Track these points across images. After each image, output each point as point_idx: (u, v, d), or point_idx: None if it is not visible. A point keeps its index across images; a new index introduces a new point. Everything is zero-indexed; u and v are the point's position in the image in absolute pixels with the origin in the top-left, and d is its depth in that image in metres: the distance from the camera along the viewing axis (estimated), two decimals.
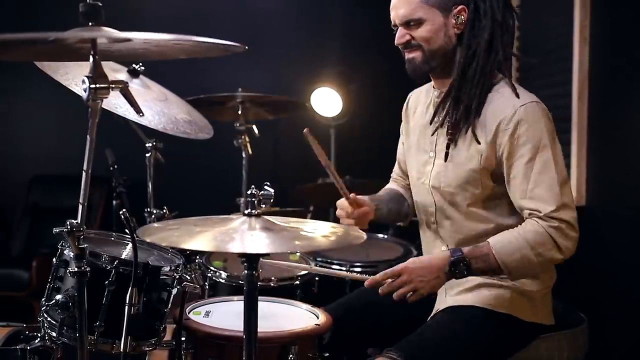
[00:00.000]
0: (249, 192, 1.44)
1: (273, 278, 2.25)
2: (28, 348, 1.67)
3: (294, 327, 1.66)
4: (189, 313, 1.76)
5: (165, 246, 1.84)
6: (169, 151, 2.67)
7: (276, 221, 1.47)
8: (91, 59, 1.37)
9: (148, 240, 1.39)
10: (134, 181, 2.87)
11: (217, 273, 2.32)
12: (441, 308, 1.88)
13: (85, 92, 1.37)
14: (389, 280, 1.72)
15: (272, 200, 1.48)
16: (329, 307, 1.92)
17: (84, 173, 1.40)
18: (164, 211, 2.48)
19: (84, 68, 1.39)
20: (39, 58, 1.72)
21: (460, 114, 1.80)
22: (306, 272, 2.33)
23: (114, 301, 1.62)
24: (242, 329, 1.41)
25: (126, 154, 2.85)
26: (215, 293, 2.32)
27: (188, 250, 2.24)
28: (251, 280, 1.38)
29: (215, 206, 2.27)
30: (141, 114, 1.52)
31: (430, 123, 1.90)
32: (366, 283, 1.75)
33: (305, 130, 1.77)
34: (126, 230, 1.61)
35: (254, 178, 2.16)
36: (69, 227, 1.40)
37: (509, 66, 1.86)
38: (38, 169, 4.65)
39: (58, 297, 1.58)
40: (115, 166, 2.89)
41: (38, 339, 1.69)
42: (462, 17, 1.80)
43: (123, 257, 1.74)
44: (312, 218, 3.53)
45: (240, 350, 1.41)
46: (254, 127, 2.97)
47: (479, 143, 1.78)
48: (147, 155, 2.59)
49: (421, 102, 2.01)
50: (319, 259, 2.65)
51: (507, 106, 1.75)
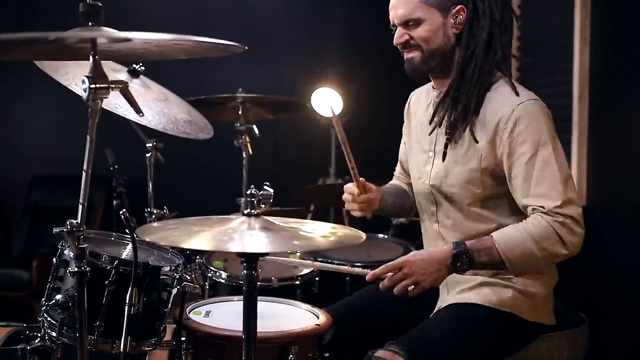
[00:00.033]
0: (249, 192, 1.44)
1: (273, 278, 2.25)
2: (28, 348, 1.67)
3: (294, 327, 1.66)
4: (189, 313, 1.76)
5: (164, 246, 1.84)
6: (169, 151, 2.67)
7: (275, 221, 1.46)
8: (91, 59, 1.37)
9: (147, 239, 1.39)
10: (134, 181, 2.88)
11: (217, 273, 2.31)
12: (443, 306, 1.87)
13: (85, 92, 1.37)
14: (390, 274, 1.72)
15: (272, 200, 1.48)
16: (330, 308, 1.91)
17: (84, 173, 1.41)
18: (164, 211, 2.48)
19: (84, 68, 1.39)
20: (39, 58, 1.72)
21: (458, 114, 1.80)
22: (307, 272, 2.33)
23: (114, 301, 1.62)
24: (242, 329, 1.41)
25: (126, 154, 2.85)
26: (215, 293, 2.31)
27: (188, 250, 2.24)
28: (250, 280, 1.38)
29: (215, 206, 2.27)
30: (141, 114, 1.52)
31: (429, 123, 1.90)
32: (367, 277, 1.74)
33: (332, 114, 1.75)
34: (126, 230, 1.61)
35: (255, 178, 2.16)
36: (69, 227, 1.40)
37: (508, 66, 1.86)
38: (38, 169, 4.65)
39: (58, 297, 1.58)
40: (115, 166, 2.89)
41: (38, 339, 1.69)
42: (461, 17, 1.80)
43: (123, 257, 1.73)
44: (313, 218, 3.53)
45: (240, 350, 1.41)
46: (254, 127, 2.97)
47: (477, 142, 1.77)
48: (148, 155, 2.59)
49: (422, 102, 2.01)
50: (320, 259, 2.65)
51: (506, 105, 1.75)
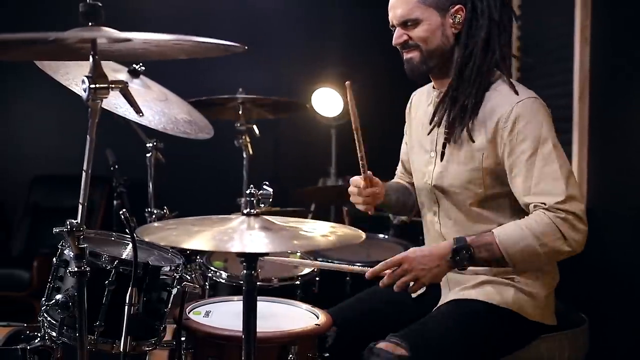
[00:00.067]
0: (248, 192, 1.44)
1: (274, 278, 2.25)
2: (28, 348, 1.67)
3: (294, 327, 1.66)
4: (189, 313, 1.76)
5: (164, 246, 1.84)
6: (170, 151, 2.67)
7: (275, 221, 1.46)
8: (91, 59, 1.37)
9: (147, 239, 1.39)
10: (135, 181, 2.88)
11: (218, 273, 2.31)
12: (444, 302, 1.87)
13: (85, 92, 1.37)
14: (389, 270, 1.72)
15: (271, 199, 1.48)
16: (331, 310, 1.90)
17: (84, 173, 1.41)
18: (165, 211, 2.48)
19: (85, 68, 1.39)
20: (39, 58, 1.72)
21: (456, 113, 1.80)
22: (307, 272, 2.33)
23: (114, 301, 1.62)
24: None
25: (127, 154, 2.85)
26: (215, 293, 2.31)
27: (188, 250, 2.24)
28: (250, 280, 1.38)
29: (215, 206, 2.26)
30: (141, 114, 1.52)
31: (430, 123, 1.90)
32: (367, 274, 1.74)
33: (347, 83, 1.73)
34: (126, 230, 1.61)
35: (255, 178, 2.16)
36: (69, 227, 1.40)
37: (508, 65, 1.85)
38: (39, 169, 4.65)
39: (58, 297, 1.58)
40: (115, 166, 2.89)
41: (38, 339, 1.69)
42: (460, 17, 1.80)
43: (123, 257, 1.73)
44: (313, 218, 3.52)
45: (240, 350, 1.41)
46: (255, 127, 2.97)
47: (473, 141, 1.77)
48: (148, 155, 2.59)
49: (423, 102, 2.01)
50: (320, 259, 2.64)
51: (505, 104, 1.75)
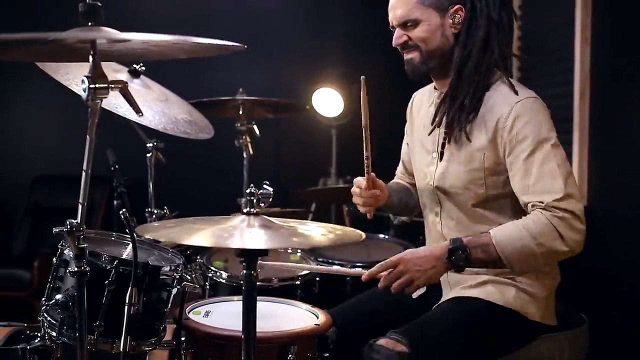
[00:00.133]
0: (248, 191, 1.44)
1: (274, 278, 2.25)
2: (28, 347, 1.67)
3: (294, 327, 1.65)
4: (189, 313, 1.76)
5: (164, 243, 1.84)
6: (170, 151, 2.67)
7: (275, 220, 1.46)
8: (90, 59, 1.37)
9: (147, 236, 1.39)
10: (135, 181, 2.87)
11: (218, 273, 2.32)
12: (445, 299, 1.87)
13: (84, 92, 1.37)
14: (385, 272, 1.71)
15: (271, 199, 1.48)
16: (332, 311, 1.89)
17: (84, 173, 1.41)
18: (165, 211, 2.48)
19: (85, 68, 1.39)
20: (39, 58, 1.72)
21: (455, 113, 1.80)
22: (307, 272, 2.33)
23: (114, 301, 1.62)
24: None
25: (127, 154, 2.85)
26: (216, 293, 2.31)
27: (189, 250, 2.24)
28: (250, 280, 1.38)
29: (216, 206, 2.27)
30: (140, 114, 1.53)
31: (431, 123, 1.90)
32: (363, 277, 1.74)
33: (362, 78, 1.72)
34: (126, 230, 1.61)
35: (255, 178, 2.16)
36: (69, 227, 1.40)
37: (507, 65, 1.85)
38: (40, 170, 4.66)
39: (58, 297, 1.58)
40: (116, 166, 2.89)
41: (38, 339, 1.69)
42: (459, 17, 1.80)
43: (123, 257, 1.73)
44: (314, 219, 3.52)
45: (239, 350, 1.41)
46: (255, 127, 2.97)
47: (470, 141, 1.78)
48: (148, 155, 2.59)
49: (425, 102, 2.01)
50: (320, 259, 2.64)
51: (505, 103, 1.75)
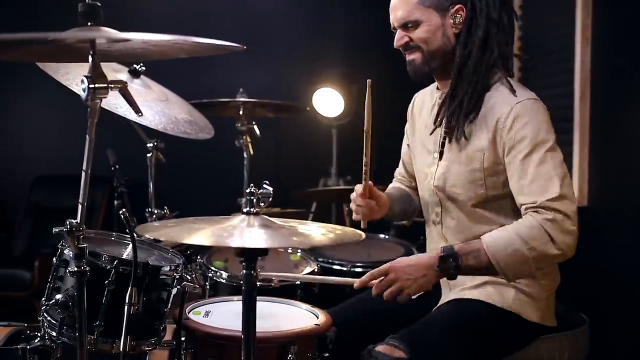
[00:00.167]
0: (248, 191, 1.44)
1: (274, 278, 2.24)
2: (28, 347, 1.67)
3: (294, 327, 1.65)
4: (189, 313, 1.76)
5: (164, 243, 1.84)
6: (170, 151, 2.67)
7: (275, 220, 1.46)
8: (90, 59, 1.37)
9: (147, 236, 1.39)
10: (135, 181, 2.87)
11: (218, 273, 2.31)
12: (445, 301, 1.87)
13: (84, 92, 1.37)
14: (376, 281, 1.71)
15: (271, 199, 1.48)
16: (332, 311, 1.89)
17: (83, 173, 1.41)
18: (165, 211, 2.48)
19: (85, 68, 1.39)
20: (39, 58, 1.72)
21: (455, 113, 1.80)
22: (307, 272, 2.33)
23: (114, 301, 1.61)
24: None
25: (127, 154, 2.85)
26: (216, 293, 2.31)
27: (189, 250, 2.24)
28: (250, 279, 1.38)
29: (216, 206, 2.27)
30: (140, 114, 1.53)
31: (434, 123, 1.90)
32: (354, 285, 1.74)
33: (369, 81, 1.72)
34: (127, 230, 1.61)
35: (256, 178, 2.16)
36: (69, 227, 1.40)
37: (508, 65, 1.85)
38: (40, 170, 4.66)
39: (58, 297, 1.58)
40: (116, 166, 2.89)
41: (38, 339, 1.69)
42: (460, 17, 1.79)
43: (123, 257, 1.73)
44: (314, 219, 3.52)
45: (239, 350, 1.41)
46: (255, 128, 2.96)
47: (467, 139, 1.78)
48: (148, 155, 2.59)
49: (426, 103, 2.01)
50: (320, 259, 2.64)
51: (505, 104, 1.75)
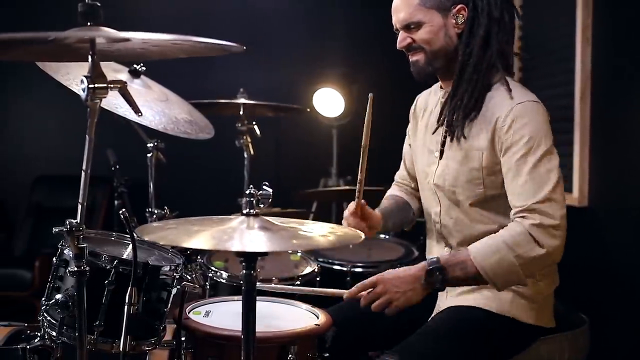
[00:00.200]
0: (248, 192, 1.44)
1: (274, 278, 2.25)
2: (28, 347, 1.67)
3: (294, 327, 1.65)
4: (189, 313, 1.76)
5: (164, 245, 1.84)
6: (171, 151, 2.67)
7: (275, 221, 1.46)
8: (89, 59, 1.37)
9: (146, 238, 1.39)
10: (136, 181, 2.88)
11: (218, 273, 2.32)
12: (442, 308, 1.87)
13: (83, 92, 1.37)
14: (364, 292, 1.72)
15: (271, 200, 1.47)
16: (331, 309, 1.90)
17: (83, 173, 1.40)
18: (165, 211, 2.48)
19: (85, 68, 1.39)
20: (39, 58, 1.72)
21: (456, 112, 1.80)
22: (307, 272, 2.34)
23: (114, 301, 1.61)
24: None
25: (128, 154, 2.85)
26: (216, 293, 2.31)
27: (189, 250, 2.24)
28: (249, 280, 1.38)
29: (216, 206, 2.26)
30: (139, 114, 1.52)
31: (437, 122, 1.90)
32: (344, 297, 1.75)
33: (370, 95, 1.73)
34: (126, 230, 1.61)
35: (256, 178, 2.16)
36: (69, 227, 1.40)
37: (508, 63, 1.85)
38: (41, 170, 4.67)
39: (58, 297, 1.58)
40: (117, 166, 2.89)
41: (38, 338, 1.69)
42: (462, 16, 1.79)
43: (123, 257, 1.73)
44: (314, 219, 3.52)
45: (239, 350, 1.41)
46: (256, 128, 2.96)
47: (465, 138, 1.78)
48: (149, 155, 2.58)
49: (430, 103, 2.01)
50: (320, 259, 2.65)
51: (505, 104, 1.75)
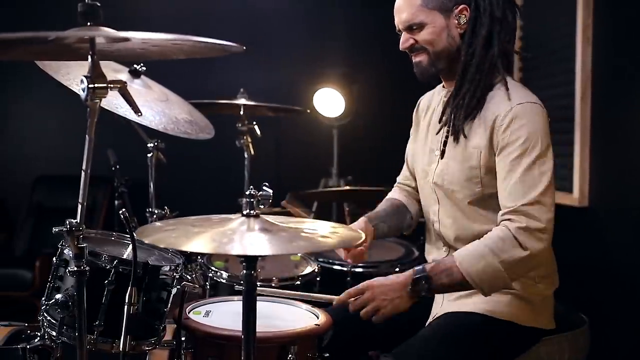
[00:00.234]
0: (248, 193, 1.44)
1: (274, 278, 2.25)
2: (28, 347, 1.67)
3: (294, 327, 1.65)
4: (189, 313, 1.76)
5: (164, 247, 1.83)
6: (171, 151, 2.67)
7: (275, 222, 1.46)
8: (89, 59, 1.37)
9: (146, 241, 1.39)
10: (136, 181, 2.88)
11: (218, 273, 2.32)
12: (439, 313, 1.86)
13: (83, 92, 1.37)
14: (353, 299, 1.72)
15: (271, 200, 1.47)
16: (330, 309, 1.89)
17: (83, 173, 1.41)
18: (165, 211, 2.48)
19: (85, 68, 1.39)
20: (39, 58, 1.72)
21: (456, 111, 1.80)
22: (307, 272, 2.34)
23: (114, 301, 1.61)
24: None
25: (128, 154, 2.85)
26: (216, 293, 2.31)
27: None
28: (250, 280, 1.38)
29: (217, 206, 2.26)
30: (139, 114, 1.52)
31: (439, 122, 1.90)
32: (333, 303, 1.75)
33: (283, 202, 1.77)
34: (126, 230, 1.61)
35: (256, 178, 2.16)
36: (69, 227, 1.40)
37: (508, 64, 1.85)
38: (42, 170, 4.67)
39: (58, 297, 1.58)
40: (117, 166, 2.89)
41: (38, 338, 1.69)
42: (464, 17, 1.79)
43: (123, 257, 1.73)
44: (315, 218, 3.52)
45: (239, 350, 1.41)
46: (256, 128, 2.97)
47: (465, 137, 1.78)
48: (149, 155, 2.59)
49: (433, 104, 2.01)
50: (321, 259, 2.65)
51: (505, 103, 1.75)
